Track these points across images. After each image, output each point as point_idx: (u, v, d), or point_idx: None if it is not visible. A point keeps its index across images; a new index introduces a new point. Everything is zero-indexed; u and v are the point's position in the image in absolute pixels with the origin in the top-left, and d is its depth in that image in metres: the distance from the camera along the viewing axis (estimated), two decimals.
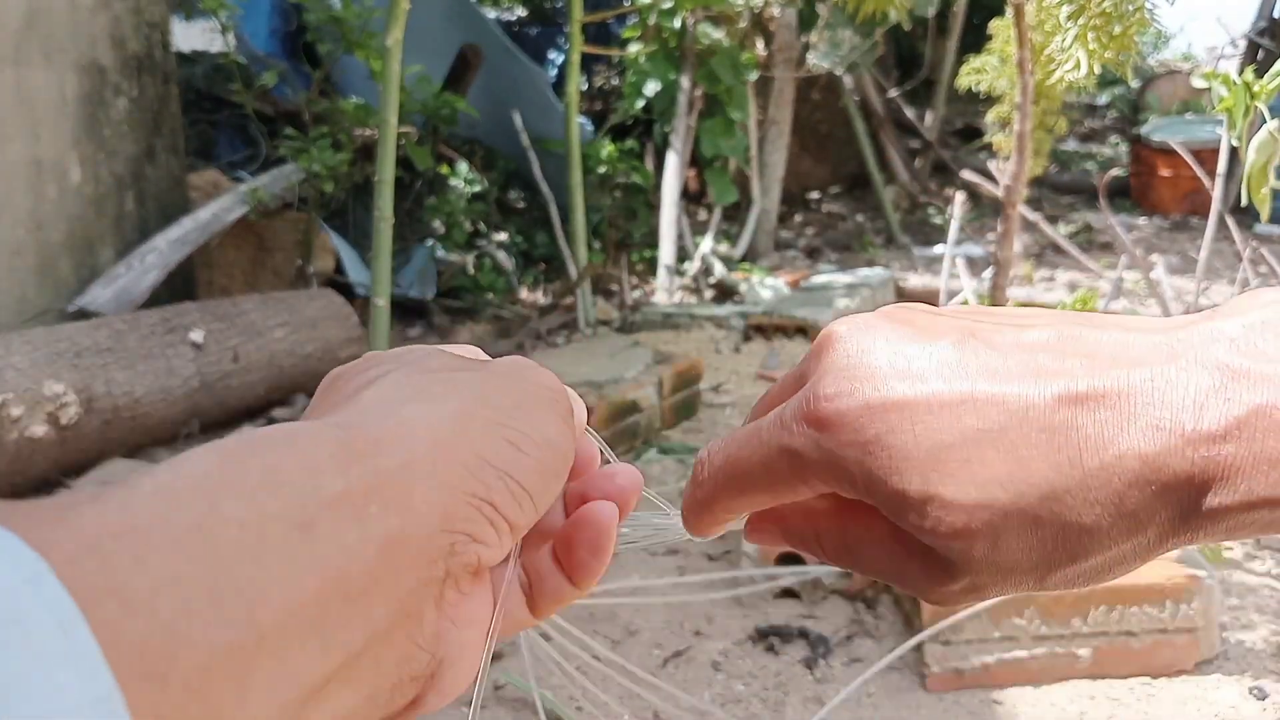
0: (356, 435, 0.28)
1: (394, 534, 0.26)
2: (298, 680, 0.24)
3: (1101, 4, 1.91)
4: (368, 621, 0.26)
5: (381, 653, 0.27)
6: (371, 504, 0.26)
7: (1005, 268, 2.56)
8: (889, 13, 2.29)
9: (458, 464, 0.29)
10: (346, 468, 0.26)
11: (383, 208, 2.88)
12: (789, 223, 6.99)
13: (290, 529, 0.24)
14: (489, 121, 4.86)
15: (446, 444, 0.29)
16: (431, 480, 0.28)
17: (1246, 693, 1.78)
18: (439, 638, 0.29)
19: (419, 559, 0.28)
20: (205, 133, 4.93)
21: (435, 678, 0.30)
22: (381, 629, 0.26)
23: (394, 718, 0.29)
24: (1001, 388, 0.32)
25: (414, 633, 0.28)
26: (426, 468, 0.28)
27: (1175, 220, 6.90)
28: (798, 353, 4.02)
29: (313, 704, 0.24)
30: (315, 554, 0.24)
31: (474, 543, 0.29)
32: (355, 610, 0.25)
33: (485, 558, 0.30)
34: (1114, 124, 9.74)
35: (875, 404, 0.33)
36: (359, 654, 0.26)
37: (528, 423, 0.32)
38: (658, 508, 0.43)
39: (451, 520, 0.29)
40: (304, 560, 0.24)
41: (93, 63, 3.59)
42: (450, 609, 0.29)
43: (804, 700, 1.78)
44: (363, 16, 4.09)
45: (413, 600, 0.27)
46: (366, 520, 0.26)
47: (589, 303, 4.39)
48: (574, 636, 1.94)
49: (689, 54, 5.26)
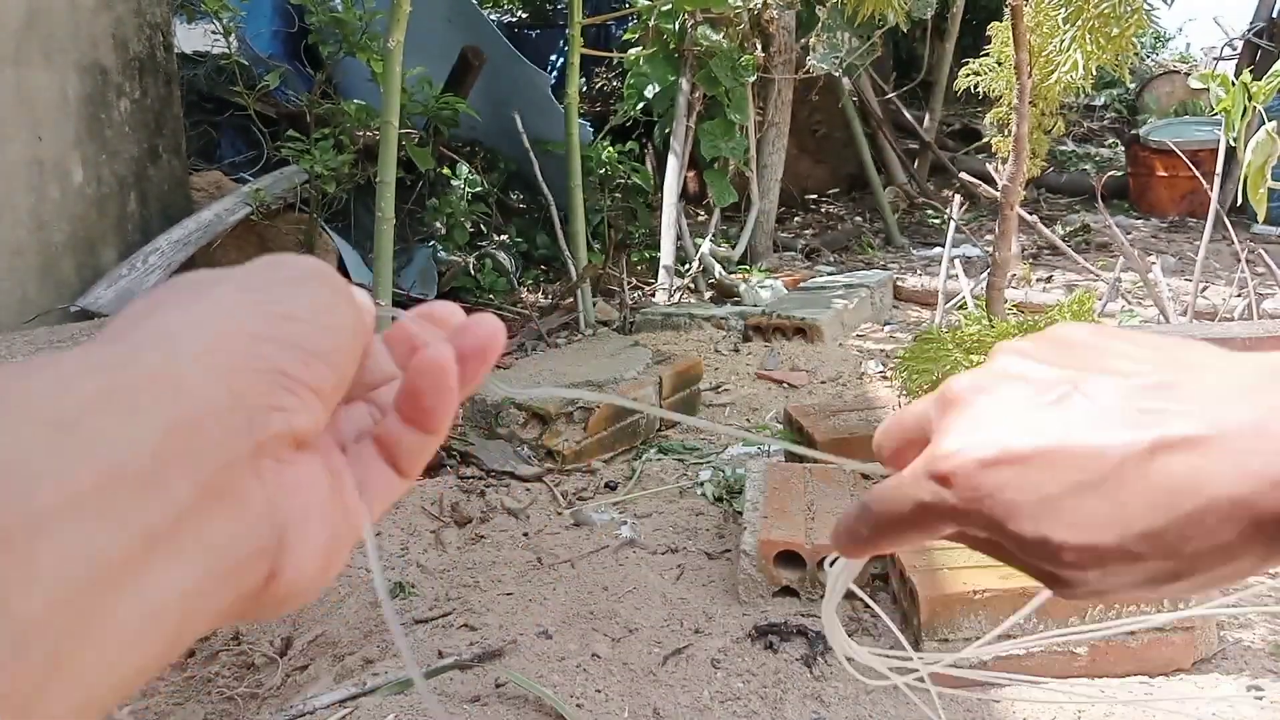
0: (112, 347, 0.30)
1: (175, 421, 0.28)
2: (91, 559, 0.25)
3: (1099, 6, 1.93)
4: (170, 503, 0.27)
5: (202, 529, 0.28)
6: (141, 398, 0.28)
7: (1003, 268, 2.57)
8: (887, 15, 2.31)
9: (230, 346, 0.31)
10: (100, 373, 0.28)
11: (384, 209, 2.89)
12: (788, 224, 7.00)
13: (52, 430, 0.26)
14: (490, 123, 4.88)
15: (212, 331, 0.31)
16: (204, 365, 0.30)
17: (1245, 691, 1.78)
18: (272, 508, 0.31)
19: (215, 439, 0.29)
20: (207, 134, 4.95)
21: (285, 549, 0.31)
22: (189, 507, 0.28)
23: (258, 595, 0.31)
24: (1101, 440, 0.36)
25: (238, 508, 0.30)
26: (193, 356, 0.30)
27: (1173, 221, 6.92)
28: (797, 353, 4.03)
29: (130, 578, 0.26)
30: (83, 449, 0.26)
31: (276, 412, 0.31)
32: (150, 494, 0.27)
33: (298, 424, 0.32)
34: (1112, 125, 9.76)
35: (988, 461, 0.38)
36: (169, 534, 0.27)
37: (293, 295, 0.34)
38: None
39: (241, 397, 0.30)
40: (71, 455, 0.26)
41: (94, 63, 3.60)
42: (274, 479, 0.31)
43: (803, 698, 1.79)
44: (364, 19, 4.10)
45: (223, 477, 0.29)
46: (139, 412, 0.27)
47: (589, 303, 4.40)
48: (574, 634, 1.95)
49: (688, 56, 5.27)
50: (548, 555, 2.33)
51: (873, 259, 6.11)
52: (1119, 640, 1.82)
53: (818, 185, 7.91)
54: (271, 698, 1.91)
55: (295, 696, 1.84)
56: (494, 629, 1.99)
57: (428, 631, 2.01)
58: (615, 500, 2.67)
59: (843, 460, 0.55)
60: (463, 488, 2.72)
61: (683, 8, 5.03)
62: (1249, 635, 1.95)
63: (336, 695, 1.78)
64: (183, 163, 4.10)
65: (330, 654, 2.00)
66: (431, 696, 1.75)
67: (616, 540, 2.40)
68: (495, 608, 2.08)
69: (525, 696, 1.77)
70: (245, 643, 2.05)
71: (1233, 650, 1.90)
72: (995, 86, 3.45)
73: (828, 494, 2.27)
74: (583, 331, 4.28)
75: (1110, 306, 4.27)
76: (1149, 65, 10.03)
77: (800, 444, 2.77)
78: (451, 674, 1.84)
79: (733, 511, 2.53)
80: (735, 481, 2.64)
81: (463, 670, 1.85)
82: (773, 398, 3.56)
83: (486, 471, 2.83)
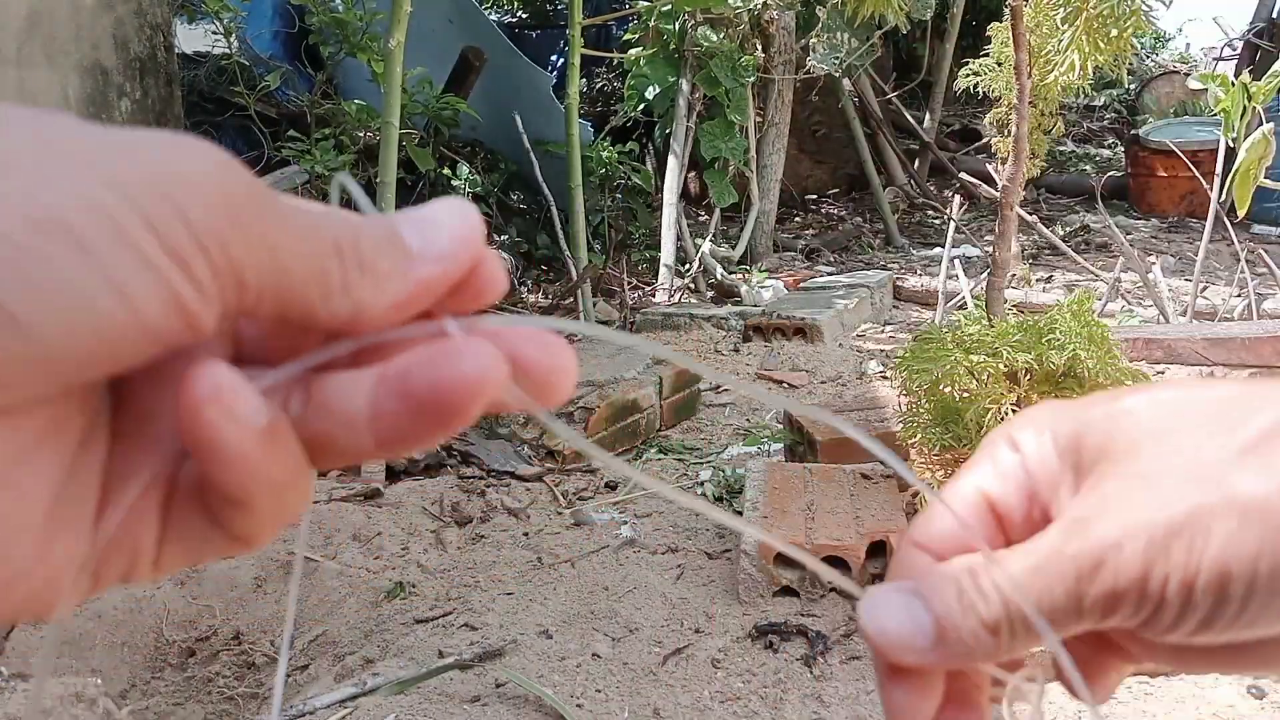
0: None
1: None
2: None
3: (1098, 7, 1.93)
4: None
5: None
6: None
7: (1003, 268, 2.58)
8: (887, 16, 2.31)
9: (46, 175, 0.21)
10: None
11: (385, 209, 2.89)
12: (788, 224, 7.01)
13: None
14: (490, 123, 4.88)
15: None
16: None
17: (1244, 691, 1.79)
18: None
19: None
20: (208, 134, 4.93)
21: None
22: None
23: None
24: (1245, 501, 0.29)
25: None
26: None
27: (1172, 221, 6.92)
28: (796, 353, 4.04)
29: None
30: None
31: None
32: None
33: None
34: (1111, 125, 9.76)
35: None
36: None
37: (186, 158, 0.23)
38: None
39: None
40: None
41: (95, 64, 3.61)
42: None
43: (803, 697, 1.80)
44: (365, 19, 4.11)
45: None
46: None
47: (589, 303, 4.41)
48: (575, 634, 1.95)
49: (688, 57, 5.28)
50: (548, 555, 2.34)
51: (873, 259, 6.12)
52: None
53: (818, 185, 7.91)
54: (272, 698, 1.91)
55: (295, 696, 1.84)
56: (494, 629, 1.99)
57: (428, 631, 2.01)
58: (615, 500, 2.67)
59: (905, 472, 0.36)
60: (463, 487, 2.72)
61: (683, 8, 5.03)
62: None
63: (336, 695, 1.78)
64: None
65: (330, 654, 2.00)
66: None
67: (617, 540, 2.41)
68: (495, 607, 2.09)
69: (525, 696, 1.77)
70: (245, 643, 2.05)
71: None
72: (995, 87, 3.46)
73: (828, 494, 2.28)
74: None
75: (1110, 306, 4.27)
76: (1149, 65, 10.02)
77: (800, 444, 2.77)
78: (451, 674, 1.84)
79: (733, 511, 2.53)
80: (735, 481, 2.64)
81: (463, 670, 1.86)
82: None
83: (487, 471, 2.83)
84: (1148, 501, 0.29)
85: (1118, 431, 0.31)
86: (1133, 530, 0.29)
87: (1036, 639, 0.30)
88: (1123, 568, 0.29)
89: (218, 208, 0.22)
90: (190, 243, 0.22)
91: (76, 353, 0.21)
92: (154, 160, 0.22)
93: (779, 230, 6.35)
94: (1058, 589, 0.30)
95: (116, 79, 3.71)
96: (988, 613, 0.30)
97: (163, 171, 0.22)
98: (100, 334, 0.21)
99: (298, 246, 0.24)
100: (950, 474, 2.16)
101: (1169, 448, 0.30)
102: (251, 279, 0.23)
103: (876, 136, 7.20)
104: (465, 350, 0.25)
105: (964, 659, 0.31)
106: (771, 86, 5.75)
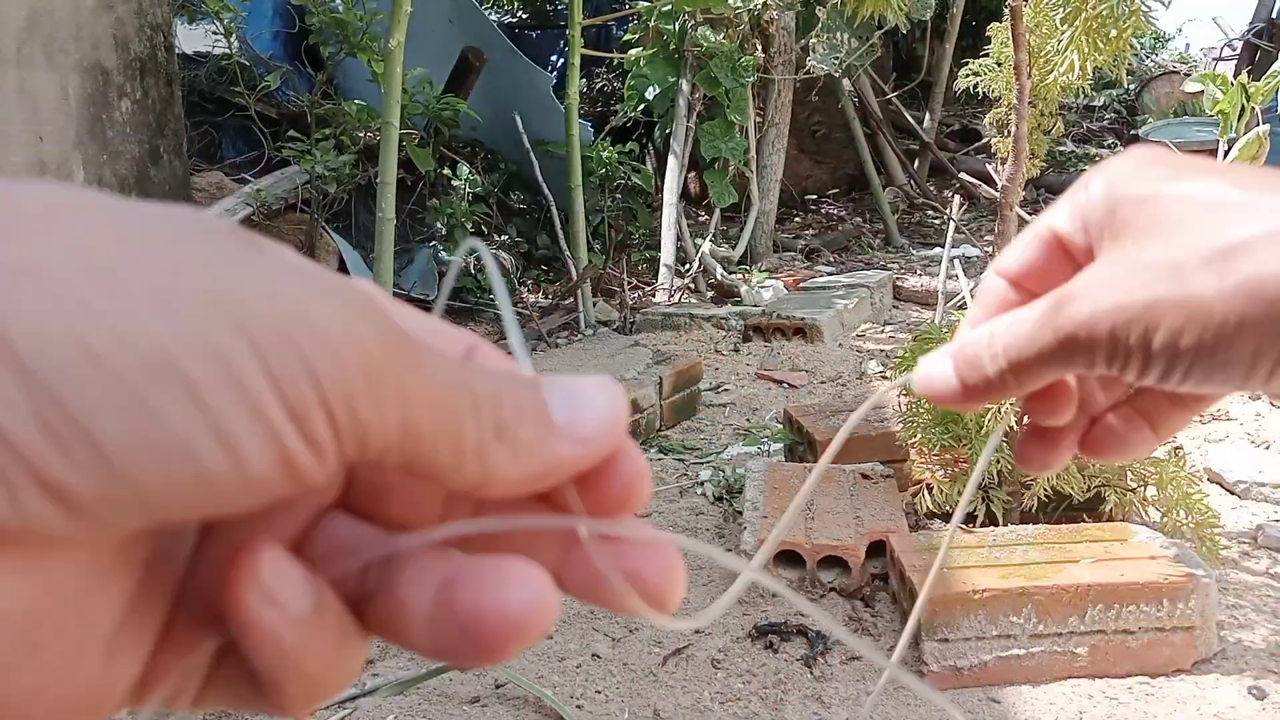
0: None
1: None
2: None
3: (1097, 8, 1.93)
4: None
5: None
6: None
7: None
8: (887, 16, 2.31)
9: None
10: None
11: (385, 209, 2.89)
12: (788, 224, 7.01)
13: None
14: (490, 123, 4.88)
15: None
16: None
17: (1245, 692, 1.78)
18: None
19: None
20: (209, 135, 4.95)
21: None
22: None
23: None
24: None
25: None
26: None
27: None
28: (796, 353, 4.04)
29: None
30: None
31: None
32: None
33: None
34: (1111, 126, 9.76)
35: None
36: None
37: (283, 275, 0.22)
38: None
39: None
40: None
41: (96, 64, 3.61)
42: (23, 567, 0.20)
43: (803, 698, 1.80)
44: (365, 19, 4.11)
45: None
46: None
47: (589, 303, 4.41)
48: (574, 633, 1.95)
49: (688, 57, 5.28)
50: None
51: (872, 259, 6.12)
52: (1119, 640, 1.82)
53: (818, 185, 7.91)
54: None
55: None
56: None
57: None
58: None
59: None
60: None
61: (683, 8, 5.03)
62: (1249, 635, 1.95)
63: (336, 695, 1.78)
64: (184, 163, 4.10)
65: None
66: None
67: None
68: None
69: (525, 697, 1.77)
70: None
71: (1233, 650, 1.90)
72: (995, 87, 3.45)
73: (827, 494, 2.28)
74: (583, 331, 4.29)
75: None
76: (1148, 66, 10.02)
77: (800, 444, 2.77)
78: (451, 674, 1.84)
79: (733, 511, 2.53)
80: (735, 481, 2.64)
81: (463, 670, 1.86)
82: (773, 398, 3.57)
83: None
84: (1128, 288, 0.36)
85: (1140, 217, 0.37)
86: (1104, 311, 0.36)
87: (1029, 386, 0.40)
88: (1095, 339, 0.37)
89: (350, 363, 0.21)
90: (314, 399, 0.20)
91: (169, 500, 0.19)
92: (286, 299, 0.20)
93: (779, 230, 6.35)
94: (1046, 350, 0.39)
95: (117, 79, 3.71)
96: (991, 369, 0.40)
97: (293, 313, 0.20)
98: (199, 484, 0.20)
99: (433, 403, 0.22)
100: (950, 474, 2.16)
101: (1164, 240, 0.36)
102: (376, 439, 0.22)
103: (876, 136, 7.20)
104: (513, 576, 0.23)
105: (980, 401, 0.42)
106: (771, 86, 5.75)
